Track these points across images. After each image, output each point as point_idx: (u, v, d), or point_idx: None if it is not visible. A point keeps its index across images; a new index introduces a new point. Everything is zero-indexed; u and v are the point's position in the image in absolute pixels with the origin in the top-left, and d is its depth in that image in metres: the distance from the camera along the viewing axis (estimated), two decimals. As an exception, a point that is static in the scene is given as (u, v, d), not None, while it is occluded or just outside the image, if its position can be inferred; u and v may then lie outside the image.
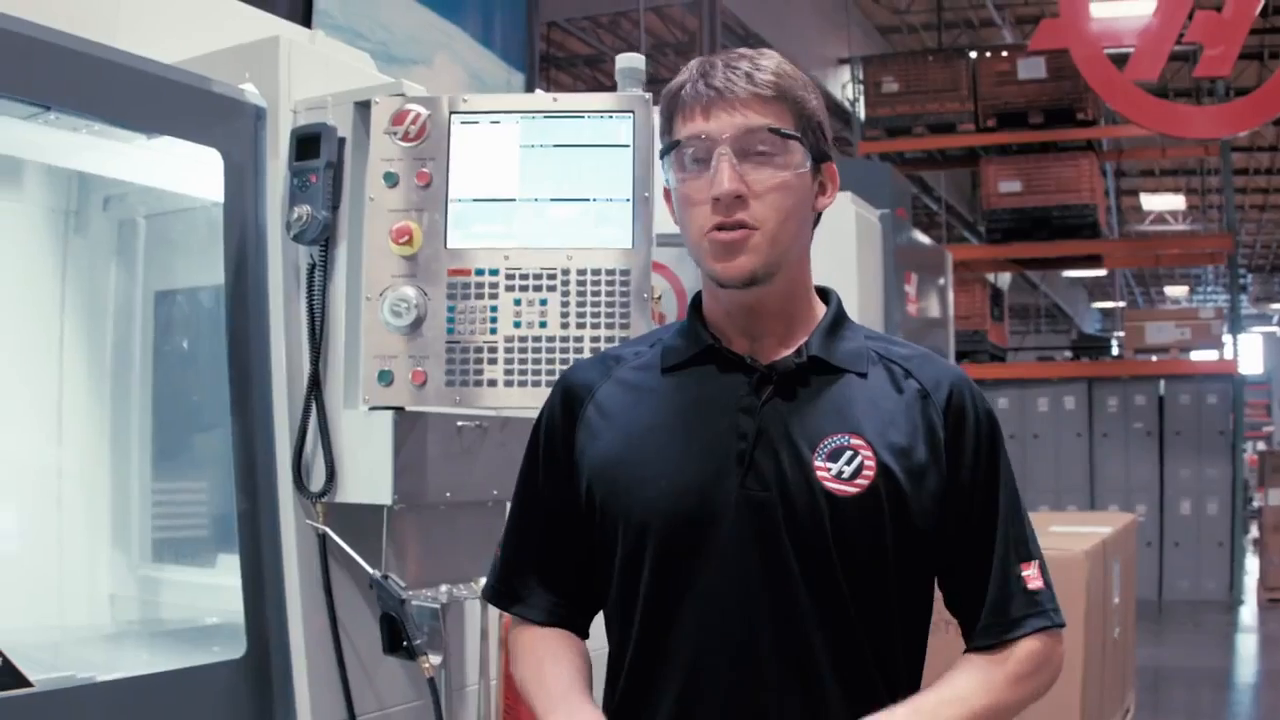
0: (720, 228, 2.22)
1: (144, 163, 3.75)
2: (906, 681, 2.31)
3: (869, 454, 2.23)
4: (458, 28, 10.82)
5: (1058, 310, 32.43)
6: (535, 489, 2.48)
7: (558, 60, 19.15)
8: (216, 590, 3.63)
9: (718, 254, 2.24)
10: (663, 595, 2.28)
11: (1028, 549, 2.35)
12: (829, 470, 2.22)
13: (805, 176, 2.27)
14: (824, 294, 2.45)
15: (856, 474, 2.22)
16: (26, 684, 2.87)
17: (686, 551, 2.26)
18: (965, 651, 2.33)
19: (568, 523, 2.42)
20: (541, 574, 2.47)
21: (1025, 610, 2.30)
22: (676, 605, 2.27)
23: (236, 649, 3.36)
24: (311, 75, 3.61)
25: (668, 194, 2.36)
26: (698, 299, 2.43)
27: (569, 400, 2.45)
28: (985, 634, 2.31)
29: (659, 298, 3.31)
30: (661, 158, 2.33)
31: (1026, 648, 2.29)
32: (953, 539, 2.30)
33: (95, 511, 4.12)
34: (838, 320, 2.39)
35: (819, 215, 2.38)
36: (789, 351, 2.32)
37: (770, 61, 2.28)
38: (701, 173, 2.23)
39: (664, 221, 2.52)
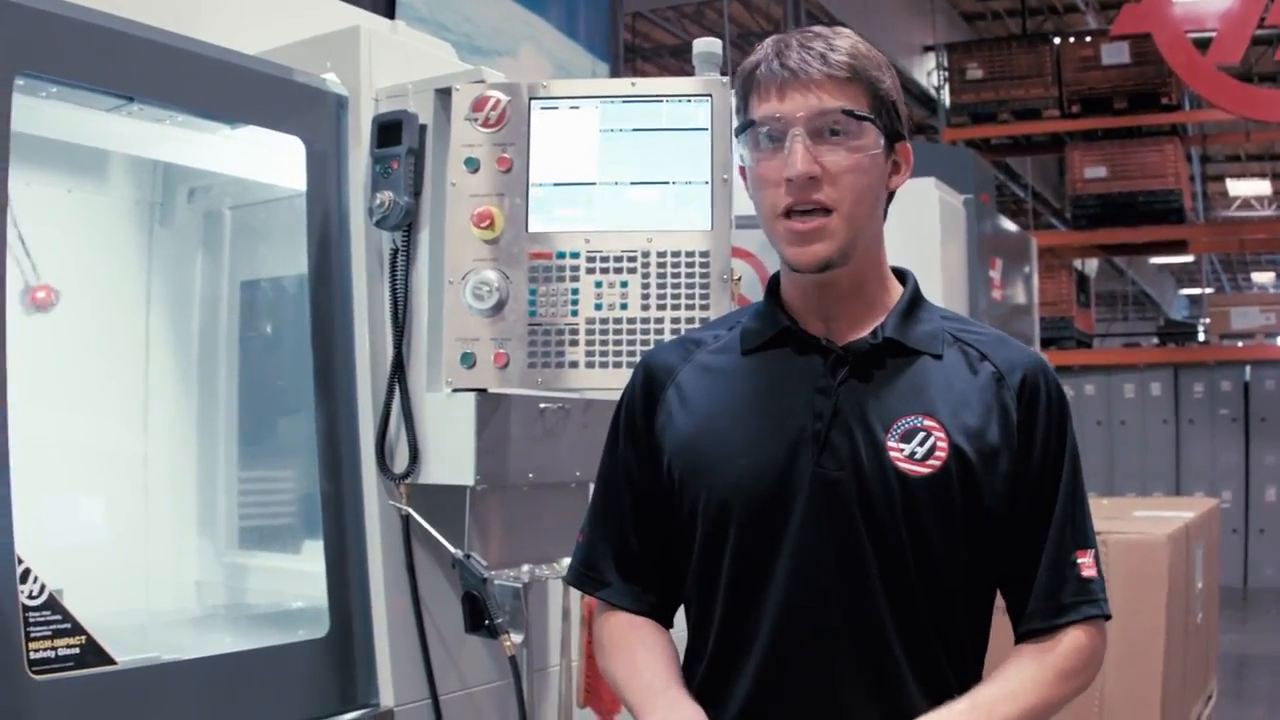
0: (792, 212, 2.23)
1: (228, 153, 3.78)
2: (972, 662, 2.33)
3: (942, 435, 2.24)
4: (542, 19, 10.89)
5: (1145, 297, 32.14)
6: (619, 471, 2.50)
7: (643, 51, 19.15)
8: (303, 576, 3.65)
9: (792, 240, 2.25)
10: (745, 573, 2.30)
11: (1086, 536, 2.35)
12: (902, 451, 2.24)
13: (879, 157, 2.28)
14: (900, 275, 2.45)
15: (929, 455, 2.24)
16: (110, 662, 2.92)
17: (766, 530, 2.27)
18: (1016, 640, 2.33)
19: (652, 504, 2.44)
20: (627, 557, 2.48)
21: (1077, 597, 2.29)
22: (758, 582, 2.28)
23: (320, 630, 3.39)
24: (392, 64, 3.63)
25: (743, 171, 2.37)
26: (775, 281, 2.44)
27: (650, 382, 2.47)
28: (1035, 618, 2.30)
29: (739, 279, 3.31)
30: (737, 136, 2.34)
31: (1074, 640, 2.28)
32: (1014, 521, 2.30)
33: (182, 499, 4.15)
34: (914, 302, 2.40)
35: (893, 194, 2.38)
36: (865, 333, 2.33)
37: (845, 41, 2.27)
38: (775, 153, 2.24)
39: (744, 204, 2.52)
